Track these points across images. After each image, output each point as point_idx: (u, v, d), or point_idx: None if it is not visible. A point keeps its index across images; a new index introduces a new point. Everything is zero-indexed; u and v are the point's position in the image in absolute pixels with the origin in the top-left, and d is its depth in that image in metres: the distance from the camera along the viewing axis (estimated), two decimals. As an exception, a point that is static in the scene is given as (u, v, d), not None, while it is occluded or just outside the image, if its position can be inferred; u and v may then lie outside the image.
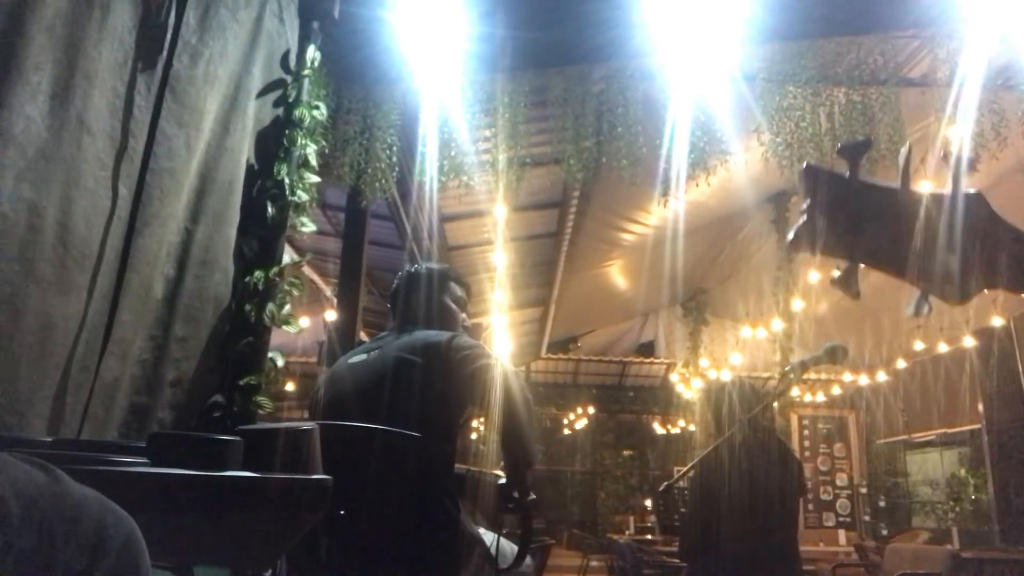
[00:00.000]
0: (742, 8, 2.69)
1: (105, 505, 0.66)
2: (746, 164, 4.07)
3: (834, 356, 2.56)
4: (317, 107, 2.61)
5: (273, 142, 2.47)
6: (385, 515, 1.71)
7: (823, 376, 9.93)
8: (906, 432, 10.57)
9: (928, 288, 1.07)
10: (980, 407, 8.56)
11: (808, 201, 1.09)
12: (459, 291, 2.23)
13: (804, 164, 1.22)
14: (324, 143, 2.72)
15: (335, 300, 4.55)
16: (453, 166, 3.24)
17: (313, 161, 2.55)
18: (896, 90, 3.16)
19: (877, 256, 1.08)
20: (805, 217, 1.08)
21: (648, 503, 12.58)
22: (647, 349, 12.54)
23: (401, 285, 2.20)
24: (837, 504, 10.81)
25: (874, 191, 1.09)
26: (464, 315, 2.23)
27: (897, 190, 1.09)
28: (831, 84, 3.13)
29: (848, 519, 10.71)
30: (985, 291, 1.10)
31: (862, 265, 1.08)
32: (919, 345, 7.96)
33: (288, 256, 2.47)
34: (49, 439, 1.23)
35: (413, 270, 2.22)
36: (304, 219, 2.52)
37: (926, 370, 8.94)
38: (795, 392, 9.46)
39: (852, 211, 1.07)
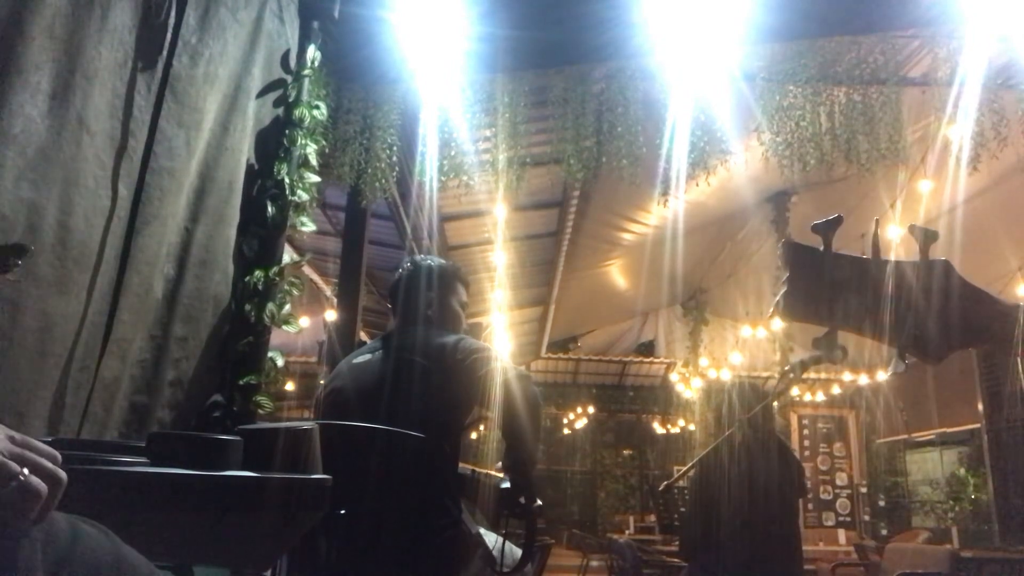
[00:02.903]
0: (742, 8, 2.69)
1: (151, 567, 0.73)
2: (746, 164, 4.07)
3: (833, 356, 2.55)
4: (317, 107, 2.61)
5: (273, 142, 2.47)
6: (387, 515, 1.71)
7: (823, 376, 9.93)
8: (906, 432, 10.57)
9: (904, 349, 1.16)
10: (980, 407, 8.56)
11: (787, 273, 1.19)
12: (464, 293, 2.20)
13: (782, 240, 1.32)
14: (324, 143, 2.72)
15: (335, 300, 4.55)
16: (453, 166, 3.24)
17: (313, 161, 2.55)
18: (896, 89, 3.16)
19: (854, 321, 1.18)
20: (785, 288, 1.19)
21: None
22: (647, 349, 12.54)
23: (404, 281, 2.15)
24: (837, 504, 10.81)
25: (847, 262, 1.19)
26: (463, 314, 2.21)
27: (868, 260, 1.19)
28: (831, 83, 3.12)
29: (848, 518, 10.71)
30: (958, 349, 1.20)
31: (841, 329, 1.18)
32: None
33: (288, 256, 2.47)
34: (49, 439, 1.23)
35: (417, 266, 2.17)
36: (304, 219, 2.52)
37: (926, 370, 8.94)
38: (795, 392, 9.47)
39: (828, 281, 1.17)
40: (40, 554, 0.60)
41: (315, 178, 2.54)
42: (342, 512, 1.55)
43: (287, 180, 2.41)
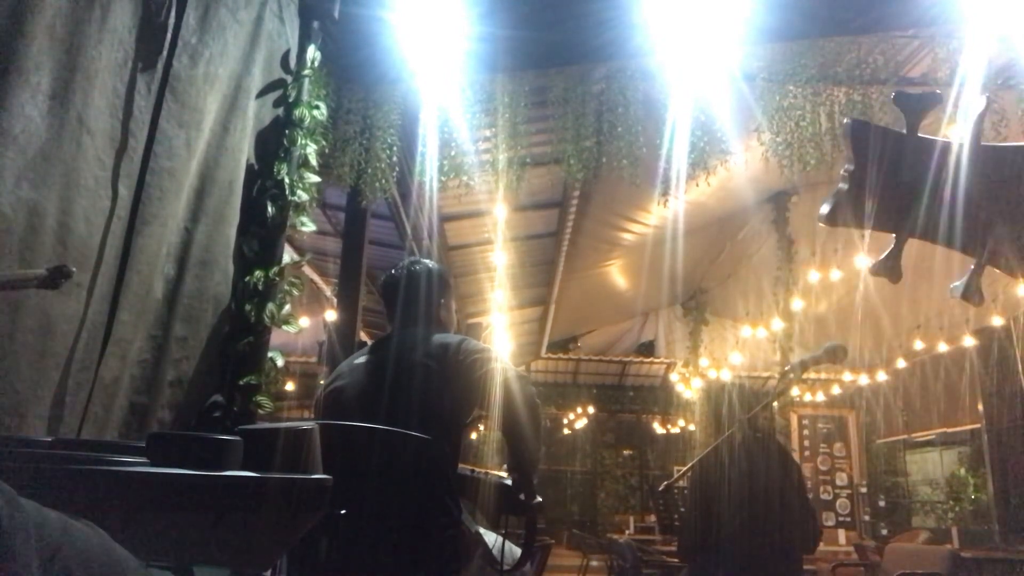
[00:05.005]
0: (742, 8, 2.69)
1: (138, 562, 0.78)
2: (746, 164, 4.07)
3: (834, 356, 2.55)
4: (317, 107, 2.61)
5: (273, 142, 2.47)
6: (387, 515, 1.71)
7: (823, 376, 9.93)
8: (906, 432, 10.57)
9: (989, 262, 0.88)
10: (980, 407, 8.55)
11: (853, 164, 0.89)
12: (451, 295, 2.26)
13: (847, 120, 1.03)
14: (324, 143, 2.72)
15: (335, 300, 4.55)
16: (453, 166, 3.24)
17: (313, 161, 2.55)
18: (896, 90, 3.16)
19: (933, 227, 0.89)
20: (847, 184, 0.87)
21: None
22: (647, 349, 12.55)
23: (404, 283, 2.16)
24: (837, 504, 10.80)
25: (937, 149, 0.90)
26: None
27: (967, 147, 0.90)
28: (831, 84, 3.13)
29: (848, 519, 10.70)
30: None
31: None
32: (919, 345, 7.97)
33: (288, 256, 2.47)
34: (49, 439, 1.23)
35: (416, 267, 2.18)
36: (304, 219, 2.52)
37: (926, 370, 8.94)
38: (795, 392, 9.47)
39: (908, 175, 0.88)
40: (34, 542, 0.61)
41: (315, 178, 2.54)
42: (342, 512, 1.55)
43: (287, 180, 2.41)
